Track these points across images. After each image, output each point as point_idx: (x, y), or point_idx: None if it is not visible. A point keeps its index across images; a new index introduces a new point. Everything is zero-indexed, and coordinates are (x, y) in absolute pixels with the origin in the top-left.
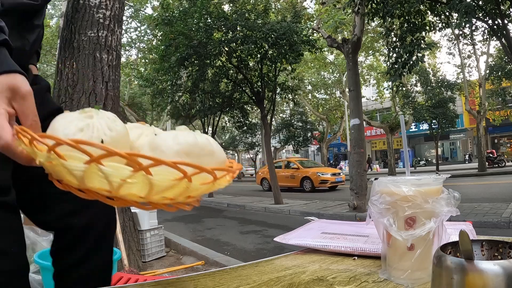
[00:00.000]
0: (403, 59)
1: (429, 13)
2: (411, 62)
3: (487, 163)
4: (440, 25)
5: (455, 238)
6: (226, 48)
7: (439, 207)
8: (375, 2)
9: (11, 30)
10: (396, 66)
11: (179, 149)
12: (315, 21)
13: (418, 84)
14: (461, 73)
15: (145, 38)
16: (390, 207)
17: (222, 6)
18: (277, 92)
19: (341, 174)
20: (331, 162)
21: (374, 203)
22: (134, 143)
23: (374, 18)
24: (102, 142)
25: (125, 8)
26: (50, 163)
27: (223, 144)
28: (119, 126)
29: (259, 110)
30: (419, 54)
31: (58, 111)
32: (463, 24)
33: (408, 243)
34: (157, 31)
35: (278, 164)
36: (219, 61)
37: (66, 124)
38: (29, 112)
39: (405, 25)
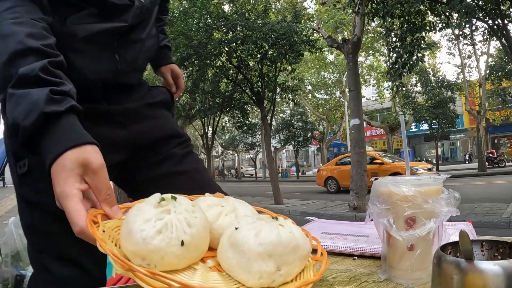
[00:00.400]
0: (403, 59)
1: (429, 13)
2: (411, 62)
3: (487, 163)
4: (440, 25)
5: (455, 238)
6: (226, 48)
7: (439, 207)
8: (375, 2)
9: (101, 51)
10: (396, 66)
11: (261, 251)
12: (315, 21)
13: (418, 84)
14: (461, 73)
15: None
16: (390, 207)
17: (222, 6)
18: (277, 92)
19: (433, 169)
20: None
21: (374, 203)
22: (214, 224)
23: (374, 18)
24: (182, 243)
25: None
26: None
27: (223, 144)
28: (199, 217)
29: (259, 110)
30: (419, 54)
31: (174, 137)
32: (463, 24)
33: (408, 243)
34: None
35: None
36: (219, 61)
37: (142, 225)
38: (102, 186)
39: (405, 25)
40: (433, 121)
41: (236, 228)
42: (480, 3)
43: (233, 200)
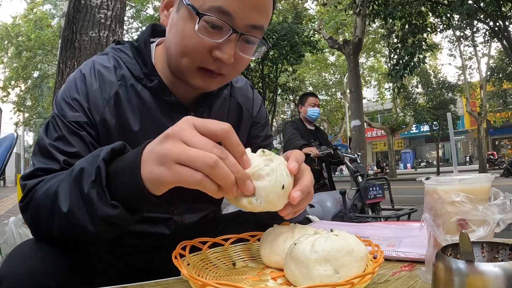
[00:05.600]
0: (404, 60)
1: (431, 14)
2: (413, 64)
3: (488, 165)
4: (441, 26)
5: None
6: None
7: (490, 214)
8: (377, 3)
9: None
10: (397, 67)
11: (317, 258)
12: (316, 22)
13: (419, 86)
14: (462, 75)
15: None
16: (438, 210)
17: None
18: (278, 93)
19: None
20: None
21: (425, 208)
22: (280, 247)
23: (376, 20)
24: (283, 186)
25: (127, 8)
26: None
27: None
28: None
29: None
30: (421, 56)
31: None
32: (464, 25)
33: None
34: None
35: None
36: None
37: (252, 169)
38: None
39: (407, 26)
40: (434, 123)
41: (294, 244)
42: (482, 4)
43: (298, 225)
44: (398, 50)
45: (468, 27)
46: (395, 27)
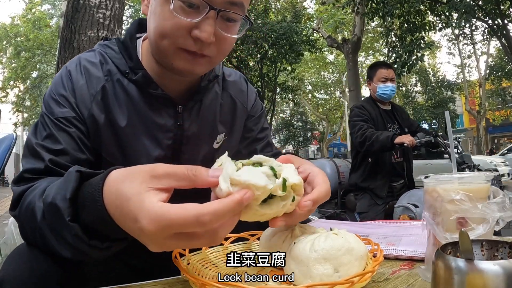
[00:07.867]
0: (402, 58)
1: (429, 13)
2: (411, 62)
3: None
4: (440, 25)
5: None
6: None
7: (490, 212)
8: (375, 2)
9: None
10: (395, 65)
11: (316, 257)
12: (315, 21)
13: (418, 84)
14: (461, 73)
15: None
16: (437, 209)
17: None
18: (277, 92)
19: None
20: None
21: (425, 206)
22: (277, 247)
23: (374, 18)
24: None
25: (125, 8)
26: None
27: None
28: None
29: None
30: (419, 54)
31: None
32: (463, 23)
33: None
34: None
35: None
36: None
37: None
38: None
39: (405, 25)
40: (433, 121)
41: (294, 243)
42: (480, 2)
43: (298, 224)
44: (396, 49)
45: (466, 25)
46: (394, 26)
